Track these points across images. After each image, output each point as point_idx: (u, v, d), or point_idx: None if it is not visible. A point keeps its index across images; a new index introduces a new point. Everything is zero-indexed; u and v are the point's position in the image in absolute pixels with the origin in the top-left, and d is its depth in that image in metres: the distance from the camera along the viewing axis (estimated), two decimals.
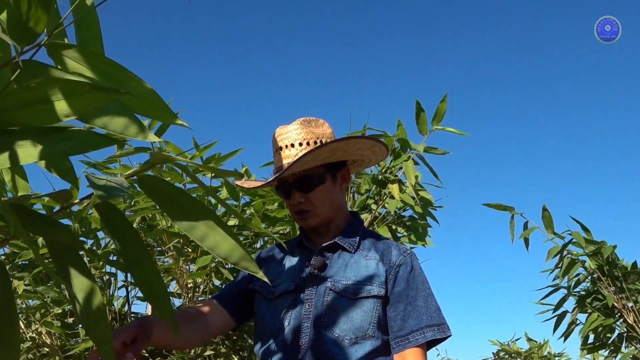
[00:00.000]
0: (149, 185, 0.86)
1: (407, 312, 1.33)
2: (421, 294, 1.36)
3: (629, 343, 3.37)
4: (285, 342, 1.34)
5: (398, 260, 1.37)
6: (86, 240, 2.59)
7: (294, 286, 1.39)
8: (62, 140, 0.71)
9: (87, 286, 0.87)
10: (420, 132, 2.57)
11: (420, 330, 1.31)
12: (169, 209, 0.87)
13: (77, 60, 0.77)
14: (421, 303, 1.34)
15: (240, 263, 0.88)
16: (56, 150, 0.70)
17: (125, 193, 0.78)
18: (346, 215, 1.47)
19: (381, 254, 1.39)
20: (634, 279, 3.26)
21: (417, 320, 1.32)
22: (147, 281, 0.87)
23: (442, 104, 2.47)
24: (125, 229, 0.87)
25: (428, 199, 2.68)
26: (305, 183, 1.37)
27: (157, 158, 0.84)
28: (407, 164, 2.45)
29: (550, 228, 3.44)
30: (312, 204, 1.38)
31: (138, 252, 0.87)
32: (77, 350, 2.35)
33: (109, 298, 2.56)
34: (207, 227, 0.87)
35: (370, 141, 1.44)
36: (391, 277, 1.35)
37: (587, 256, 3.32)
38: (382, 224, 2.69)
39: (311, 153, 1.32)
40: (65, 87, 0.64)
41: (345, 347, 1.30)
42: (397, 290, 1.35)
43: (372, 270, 1.36)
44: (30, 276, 2.43)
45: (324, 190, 1.39)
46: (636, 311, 3.25)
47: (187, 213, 0.86)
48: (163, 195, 0.86)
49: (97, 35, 0.87)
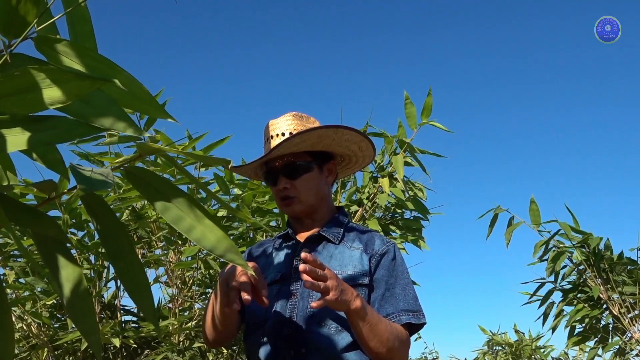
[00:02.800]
0: (135, 177, 0.86)
1: (385, 298, 1.36)
2: (400, 282, 1.39)
3: (614, 334, 3.41)
4: (271, 332, 1.35)
5: (381, 249, 1.40)
6: (77, 232, 2.59)
7: (280, 276, 1.41)
8: (47, 129, 0.71)
9: (73, 277, 0.86)
10: (409, 127, 2.58)
11: (395, 313, 1.34)
12: (155, 200, 0.87)
13: (66, 55, 0.76)
14: (399, 290, 1.37)
15: (226, 255, 0.87)
16: (42, 139, 0.70)
17: (109, 185, 0.78)
18: (331, 208, 1.50)
19: (365, 244, 1.42)
20: (620, 270, 3.30)
21: (394, 305, 1.35)
22: (129, 274, 0.87)
23: (429, 97, 2.49)
24: (110, 221, 0.87)
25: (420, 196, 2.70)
26: (292, 169, 1.41)
27: (144, 149, 0.84)
28: (397, 158, 2.47)
29: (537, 222, 3.47)
30: (298, 190, 1.41)
31: (122, 244, 0.87)
32: (66, 340, 2.35)
33: (98, 290, 2.56)
34: (194, 219, 0.87)
35: (357, 135, 1.45)
36: (374, 264, 1.38)
37: (574, 248, 3.36)
38: (373, 218, 2.70)
39: (300, 135, 1.36)
40: (47, 75, 0.64)
41: (332, 335, 1.32)
42: (377, 277, 1.38)
43: (356, 260, 1.38)
44: (18, 267, 2.43)
45: (310, 178, 1.42)
46: (621, 302, 3.29)
47: (173, 204, 0.86)
48: (149, 187, 0.86)
49: (89, 32, 0.87)
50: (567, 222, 3.41)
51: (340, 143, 1.46)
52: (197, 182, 1.01)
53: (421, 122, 2.52)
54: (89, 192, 0.74)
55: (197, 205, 0.88)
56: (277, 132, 1.43)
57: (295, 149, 1.40)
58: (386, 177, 2.53)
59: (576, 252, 3.35)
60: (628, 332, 3.37)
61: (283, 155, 1.43)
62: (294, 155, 1.42)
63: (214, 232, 0.87)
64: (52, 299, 2.43)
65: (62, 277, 0.86)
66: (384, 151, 2.76)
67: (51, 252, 0.87)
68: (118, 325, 2.53)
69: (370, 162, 1.60)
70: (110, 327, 2.36)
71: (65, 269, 0.87)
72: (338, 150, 1.49)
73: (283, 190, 1.42)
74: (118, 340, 2.33)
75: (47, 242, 0.87)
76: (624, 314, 3.30)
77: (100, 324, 2.42)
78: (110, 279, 2.68)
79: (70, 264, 0.87)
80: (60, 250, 0.88)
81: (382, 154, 2.76)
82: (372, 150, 1.51)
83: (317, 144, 1.41)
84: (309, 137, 1.38)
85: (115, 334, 2.37)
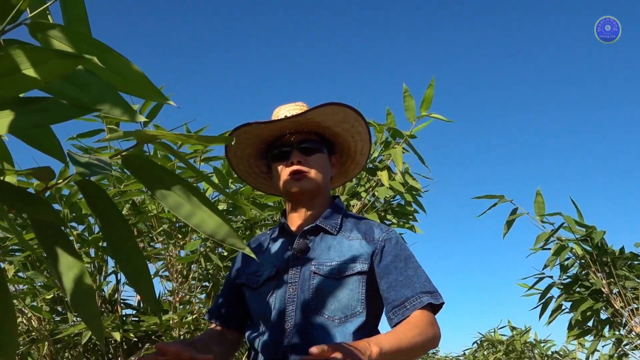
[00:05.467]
0: (133, 165, 0.86)
1: (399, 282, 1.33)
2: (410, 265, 1.36)
3: (615, 327, 3.42)
4: (271, 327, 1.35)
5: (382, 237, 1.39)
6: (77, 226, 2.59)
7: (276, 271, 1.40)
8: (36, 111, 0.70)
9: (74, 264, 0.86)
10: (408, 120, 2.58)
11: (415, 297, 1.31)
12: (154, 188, 0.86)
13: (60, 40, 0.75)
14: (412, 273, 1.35)
15: (227, 240, 0.88)
16: (31, 121, 0.69)
17: (108, 171, 0.77)
18: (329, 198, 1.50)
19: (364, 233, 1.40)
20: (622, 265, 3.30)
21: (411, 289, 1.32)
22: (129, 262, 0.87)
23: (430, 89, 2.48)
24: (109, 209, 0.87)
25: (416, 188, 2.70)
26: (307, 145, 1.43)
27: (142, 136, 0.84)
28: (396, 151, 2.46)
29: (541, 214, 3.45)
30: (310, 166, 1.42)
31: (121, 232, 0.87)
32: (66, 334, 2.36)
33: (99, 284, 2.56)
34: (193, 205, 0.87)
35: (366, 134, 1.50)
36: (377, 252, 1.36)
37: (577, 242, 3.35)
38: (372, 211, 2.71)
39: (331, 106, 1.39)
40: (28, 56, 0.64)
41: (335, 326, 1.30)
42: (385, 263, 1.35)
43: (355, 249, 1.37)
44: (18, 261, 2.43)
45: (321, 158, 1.45)
46: (623, 296, 3.29)
47: (172, 191, 0.86)
48: (148, 174, 0.86)
49: (82, 16, 0.86)
50: (570, 216, 3.40)
51: (347, 127, 1.47)
52: (197, 171, 1.01)
53: (420, 115, 2.52)
54: (87, 177, 0.73)
55: (196, 191, 0.88)
56: (286, 113, 1.45)
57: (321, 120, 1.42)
58: (384, 169, 2.53)
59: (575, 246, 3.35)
60: (628, 325, 3.38)
61: (297, 132, 1.44)
62: (308, 133, 1.45)
63: (213, 218, 0.88)
64: (52, 292, 2.43)
65: (61, 264, 0.86)
66: (376, 141, 2.75)
67: (50, 239, 0.87)
68: (119, 319, 2.53)
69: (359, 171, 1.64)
70: (111, 321, 2.37)
71: (65, 256, 0.86)
72: (343, 134, 1.50)
73: (297, 164, 1.41)
74: (119, 334, 2.33)
75: (47, 229, 0.87)
76: (624, 307, 3.30)
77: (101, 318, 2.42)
78: (110, 273, 2.68)
79: (70, 251, 0.87)
80: (59, 237, 0.88)
81: (375, 144, 2.76)
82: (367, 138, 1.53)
83: (340, 123, 1.45)
84: (325, 110, 1.40)
85: (116, 328, 2.37)
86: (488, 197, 3.41)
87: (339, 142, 1.52)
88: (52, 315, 2.57)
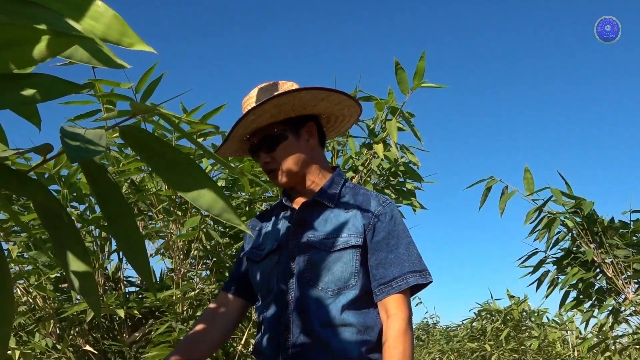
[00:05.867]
0: (130, 136, 0.84)
1: (389, 260, 1.35)
2: (402, 242, 1.38)
3: (608, 296, 3.48)
4: (275, 300, 1.39)
5: (377, 211, 1.39)
6: (78, 205, 2.62)
7: (277, 245, 1.43)
8: (27, 87, 0.69)
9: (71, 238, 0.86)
10: (401, 92, 2.58)
11: (402, 276, 1.34)
12: (151, 160, 0.86)
13: None
14: (403, 250, 1.37)
15: (223, 215, 0.87)
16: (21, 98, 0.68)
17: (101, 151, 0.74)
18: (324, 170, 1.48)
19: (360, 205, 1.41)
20: (612, 234, 3.35)
21: (399, 267, 1.34)
22: (127, 239, 0.87)
23: (422, 61, 2.47)
24: (107, 185, 0.86)
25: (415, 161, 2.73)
26: (267, 142, 1.41)
27: (138, 108, 0.83)
28: (391, 124, 2.48)
29: (530, 190, 3.49)
30: (278, 162, 1.42)
31: (119, 206, 0.87)
32: (71, 312, 2.40)
33: (101, 262, 2.60)
34: (191, 179, 0.86)
35: (322, 92, 1.38)
36: (370, 227, 1.37)
37: (567, 214, 3.39)
38: (368, 184, 2.74)
39: (253, 111, 1.35)
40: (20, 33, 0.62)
41: (328, 298, 1.34)
42: (377, 239, 1.37)
43: (350, 222, 1.38)
44: (21, 241, 2.47)
45: (286, 147, 1.41)
46: (615, 265, 3.34)
47: (170, 165, 0.85)
48: (145, 147, 0.85)
49: None
50: (559, 189, 3.44)
51: (306, 105, 1.41)
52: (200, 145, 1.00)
53: (413, 86, 2.52)
54: (78, 160, 0.71)
55: (194, 165, 0.89)
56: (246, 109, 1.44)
57: (255, 126, 1.40)
58: (380, 143, 2.55)
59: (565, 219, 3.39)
60: (622, 294, 3.44)
61: (256, 130, 1.42)
62: (267, 127, 1.42)
63: (210, 193, 0.87)
64: (56, 272, 2.47)
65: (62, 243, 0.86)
66: (376, 118, 2.77)
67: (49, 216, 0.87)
68: (122, 297, 2.58)
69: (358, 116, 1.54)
70: (115, 299, 2.41)
71: (65, 236, 0.86)
72: (311, 112, 1.45)
73: (265, 164, 1.44)
74: (123, 311, 2.38)
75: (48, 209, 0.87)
76: (617, 276, 3.35)
77: (105, 296, 2.47)
78: (113, 252, 2.72)
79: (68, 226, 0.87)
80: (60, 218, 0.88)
81: (375, 121, 2.78)
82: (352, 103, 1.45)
83: (277, 114, 1.39)
84: (264, 110, 1.36)
85: (120, 305, 2.42)
86: (479, 182, 3.50)
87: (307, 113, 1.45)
88: (57, 294, 2.61)
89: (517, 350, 6.49)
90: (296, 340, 1.33)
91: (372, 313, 1.36)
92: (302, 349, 1.33)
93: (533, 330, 6.46)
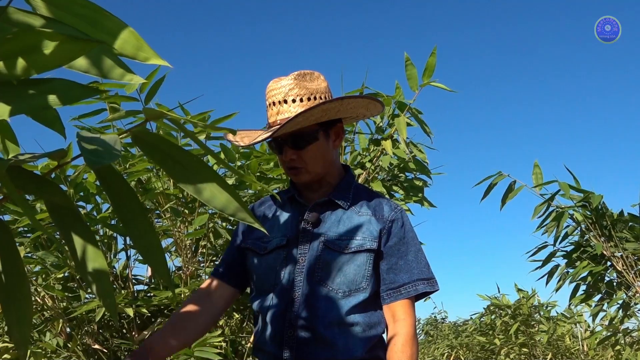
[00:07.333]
0: (143, 141, 0.85)
1: (399, 266, 1.37)
2: (412, 249, 1.40)
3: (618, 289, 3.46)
4: (280, 297, 1.37)
5: (390, 216, 1.41)
6: (85, 205, 2.62)
7: (286, 241, 1.41)
8: (44, 93, 0.69)
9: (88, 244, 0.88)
10: (411, 88, 2.57)
11: (412, 283, 1.37)
12: (164, 164, 0.86)
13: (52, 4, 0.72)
14: (412, 257, 1.39)
15: (237, 214, 0.88)
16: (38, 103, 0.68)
17: (117, 156, 0.76)
18: (339, 170, 1.48)
19: (373, 209, 1.42)
20: (621, 227, 3.33)
21: (408, 273, 1.37)
22: (143, 238, 0.87)
23: (432, 57, 2.46)
24: (121, 186, 0.87)
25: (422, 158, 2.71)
26: (297, 140, 1.37)
27: (151, 114, 0.84)
28: (399, 120, 2.47)
29: (539, 185, 3.47)
30: (304, 161, 1.38)
31: (133, 209, 0.87)
32: (80, 312, 2.40)
33: (109, 261, 2.60)
34: (203, 181, 0.88)
35: (365, 100, 1.43)
36: (385, 232, 1.39)
37: (576, 208, 3.37)
38: (376, 180, 2.72)
39: (303, 114, 1.31)
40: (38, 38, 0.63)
41: (338, 299, 1.34)
42: (390, 244, 1.39)
43: (364, 225, 1.39)
44: (29, 241, 2.47)
45: (316, 147, 1.38)
46: (624, 258, 3.32)
47: (182, 167, 0.86)
48: (158, 151, 0.86)
49: None
50: (566, 182, 3.42)
51: (347, 111, 1.43)
52: (204, 147, 1.01)
53: (423, 83, 2.50)
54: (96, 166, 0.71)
55: (205, 167, 0.89)
56: (279, 97, 1.37)
57: (299, 127, 1.36)
58: (388, 139, 2.54)
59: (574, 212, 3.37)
60: (632, 287, 3.42)
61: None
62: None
63: (223, 193, 0.88)
64: (63, 271, 2.47)
65: (76, 243, 0.87)
66: (382, 114, 2.75)
67: (64, 220, 0.88)
68: (130, 295, 2.58)
69: (378, 114, 1.58)
70: (123, 297, 2.41)
71: (78, 233, 0.88)
72: (344, 116, 1.46)
73: (290, 162, 1.39)
74: (131, 310, 2.38)
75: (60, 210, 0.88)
76: (627, 269, 3.33)
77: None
78: (120, 250, 2.72)
79: (83, 229, 0.88)
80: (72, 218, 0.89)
81: (382, 117, 2.76)
82: (380, 107, 1.49)
83: (321, 117, 1.37)
84: (313, 113, 1.33)
85: (129, 304, 2.42)
86: (487, 179, 3.48)
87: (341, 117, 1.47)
88: (65, 294, 2.61)
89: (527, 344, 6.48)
90: (301, 337, 1.33)
91: (378, 313, 1.39)
92: (307, 346, 1.33)
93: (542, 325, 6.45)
